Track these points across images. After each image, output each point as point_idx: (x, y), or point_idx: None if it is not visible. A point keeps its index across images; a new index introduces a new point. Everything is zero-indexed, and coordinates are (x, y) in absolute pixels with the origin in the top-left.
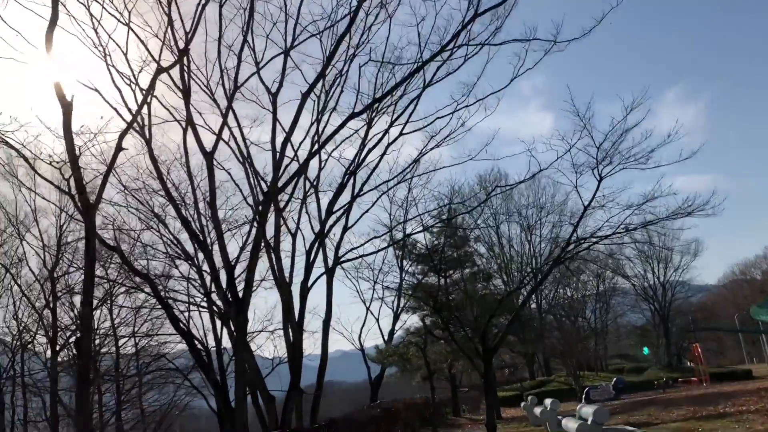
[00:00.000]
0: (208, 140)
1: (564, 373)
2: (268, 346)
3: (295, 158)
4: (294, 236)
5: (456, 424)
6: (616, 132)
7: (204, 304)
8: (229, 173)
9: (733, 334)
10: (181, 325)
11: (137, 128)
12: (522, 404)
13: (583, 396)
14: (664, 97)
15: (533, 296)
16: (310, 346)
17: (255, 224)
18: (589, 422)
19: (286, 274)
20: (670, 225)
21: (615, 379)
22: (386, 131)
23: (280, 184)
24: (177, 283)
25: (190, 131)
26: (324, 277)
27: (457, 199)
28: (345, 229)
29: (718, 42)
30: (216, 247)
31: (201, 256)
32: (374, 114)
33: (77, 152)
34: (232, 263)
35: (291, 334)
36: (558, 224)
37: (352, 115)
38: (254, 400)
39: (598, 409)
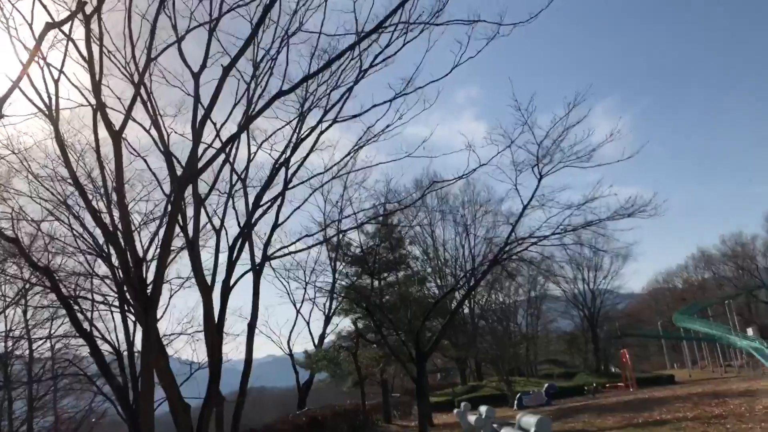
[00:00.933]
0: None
1: (496, 378)
2: (187, 350)
3: (220, 143)
4: (218, 232)
5: (387, 431)
6: (558, 129)
7: (117, 303)
8: (146, 161)
9: (656, 341)
10: (85, 325)
11: (43, 109)
12: (455, 411)
13: (515, 402)
14: (599, 105)
15: (466, 301)
16: (236, 350)
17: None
18: None
19: (209, 273)
20: (612, 226)
21: (547, 384)
22: (319, 121)
23: (199, 167)
24: (90, 281)
25: (99, 115)
26: (250, 276)
27: (392, 198)
28: (275, 226)
29: (647, 55)
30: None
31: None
32: (306, 104)
33: None
34: (143, 258)
35: (210, 336)
36: (495, 225)
37: (280, 94)
38: (171, 407)
39: (542, 419)
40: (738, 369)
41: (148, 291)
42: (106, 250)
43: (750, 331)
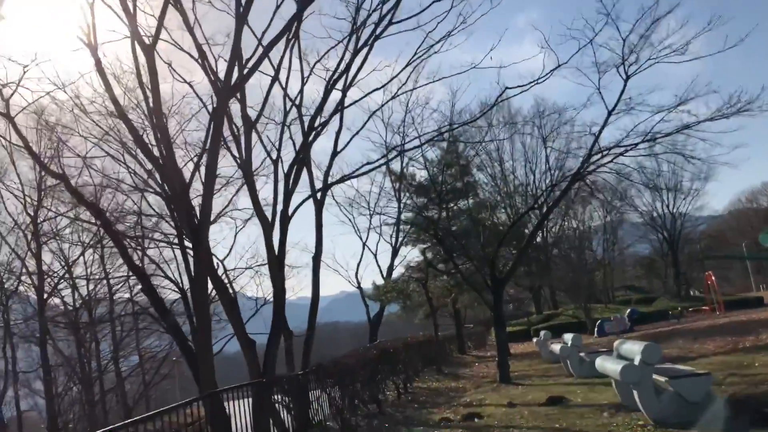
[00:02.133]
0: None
1: (572, 306)
2: (252, 286)
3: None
4: (275, 162)
5: (462, 362)
6: (645, 22)
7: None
8: (190, 84)
9: (740, 263)
10: (136, 262)
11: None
12: (534, 340)
13: (596, 329)
14: None
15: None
16: (308, 286)
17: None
18: (636, 362)
19: (269, 205)
20: (713, 128)
21: (629, 310)
22: (374, 28)
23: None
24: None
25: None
26: (312, 205)
27: (458, 119)
28: (334, 153)
29: None
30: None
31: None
32: (359, 17)
33: None
34: (189, 183)
35: (273, 269)
36: (573, 139)
37: None
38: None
39: (649, 345)
40: None
41: (196, 220)
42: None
43: None
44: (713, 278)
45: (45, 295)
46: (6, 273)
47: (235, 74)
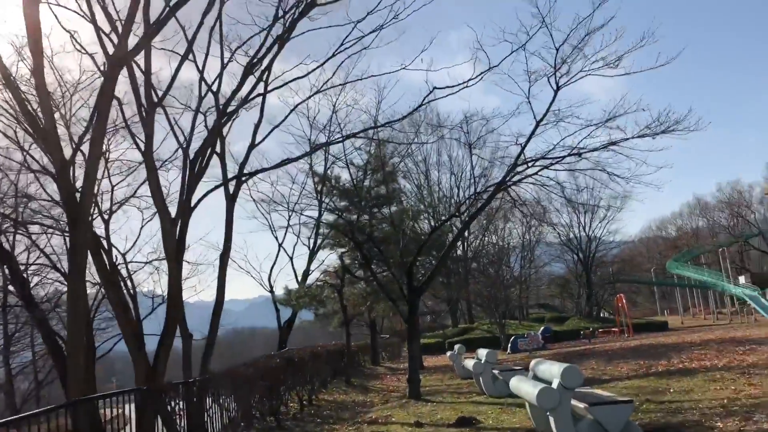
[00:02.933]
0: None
1: (487, 321)
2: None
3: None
4: (185, 150)
5: (374, 374)
6: (579, 32)
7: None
8: (92, 57)
9: (647, 287)
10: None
11: None
12: (448, 353)
13: (509, 345)
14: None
15: (459, 241)
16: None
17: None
18: (554, 386)
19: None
20: (638, 147)
21: (542, 327)
22: (296, 11)
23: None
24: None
25: None
26: (222, 199)
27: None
28: (251, 146)
29: None
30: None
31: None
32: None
33: None
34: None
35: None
36: (500, 146)
37: None
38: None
39: (569, 368)
40: (731, 316)
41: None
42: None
43: (742, 279)
44: (624, 301)
45: None
46: None
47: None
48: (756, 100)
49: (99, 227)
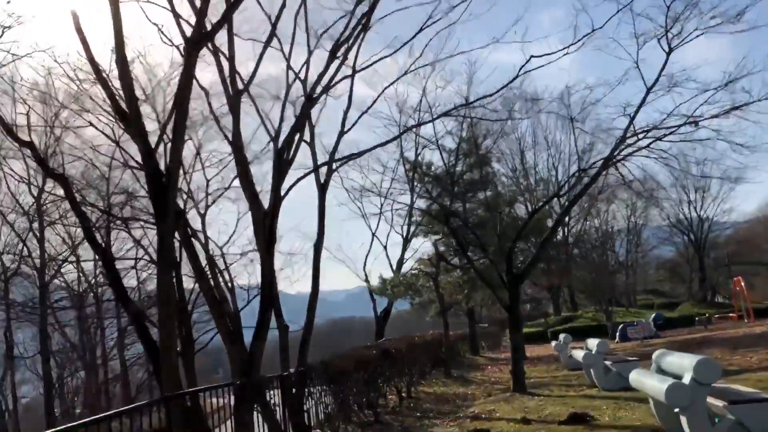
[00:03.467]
0: None
1: (591, 308)
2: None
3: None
4: (275, 139)
5: (474, 365)
6: None
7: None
8: (178, 48)
9: (766, 269)
10: (100, 241)
11: None
12: (553, 343)
13: (618, 334)
14: None
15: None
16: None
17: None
18: (686, 381)
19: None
20: (765, 110)
21: (654, 314)
22: None
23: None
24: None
25: None
26: (314, 189)
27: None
28: (341, 133)
29: None
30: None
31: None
32: None
33: None
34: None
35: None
36: (606, 119)
37: None
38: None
39: (704, 360)
40: None
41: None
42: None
43: None
44: (742, 284)
45: (47, 277)
46: (9, 254)
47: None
48: None
49: (195, 221)
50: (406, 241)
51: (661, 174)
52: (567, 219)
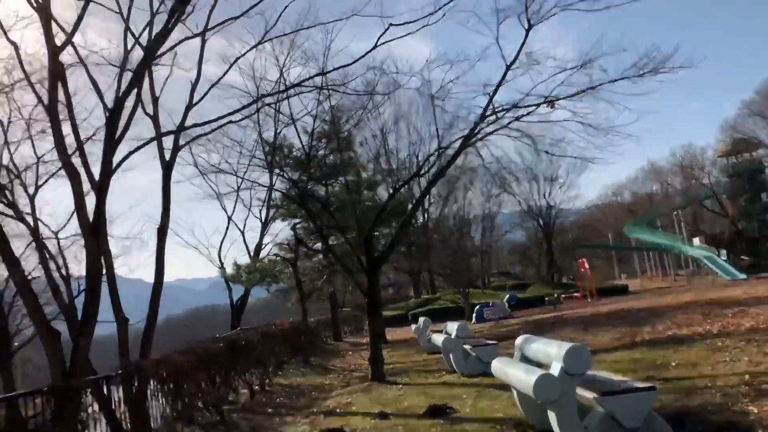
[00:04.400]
0: None
1: (450, 291)
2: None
3: None
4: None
5: (336, 351)
6: None
7: None
8: None
9: (604, 252)
10: None
11: None
12: (413, 327)
13: (474, 315)
14: None
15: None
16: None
17: None
18: (555, 372)
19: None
20: (618, 91)
21: (508, 295)
22: None
23: None
24: None
25: None
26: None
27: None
28: (189, 107)
29: None
30: None
31: None
32: None
33: None
34: None
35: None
36: (466, 101)
37: None
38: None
39: (574, 349)
40: (689, 278)
41: None
42: None
43: (697, 241)
44: (586, 266)
45: None
46: None
47: None
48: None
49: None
50: (265, 226)
51: (519, 156)
52: (427, 205)
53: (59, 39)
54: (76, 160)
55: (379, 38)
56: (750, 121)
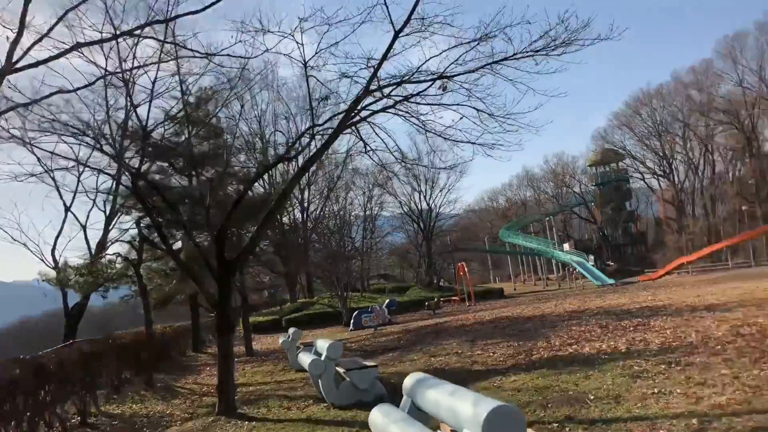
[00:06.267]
0: None
1: (328, 294)
2: None
3: None
4: None
5: (192, 366)
6: None
7: None
8: None
9: (480, 255)
10: None
11: None
12: (281, 339)
13: (352, 321)
14: None
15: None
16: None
17: None
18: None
19: None
20: (523, 68)
21: (387, 300)
22: None
23: None
24: None
25: None
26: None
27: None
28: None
29: None
30: None
31: None
32: None
33: None
34: None
35: None
36: (348, 75)
37: None
38: None
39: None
40: (559, 281)
41: None
42: None
43: (567, 246)
44: (465, 269)
45: None
46: None
47: None
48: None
49: None
50: (110, 220)
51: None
52: (307, 204)
53: None
54: None
55: None
56: (618, 132)
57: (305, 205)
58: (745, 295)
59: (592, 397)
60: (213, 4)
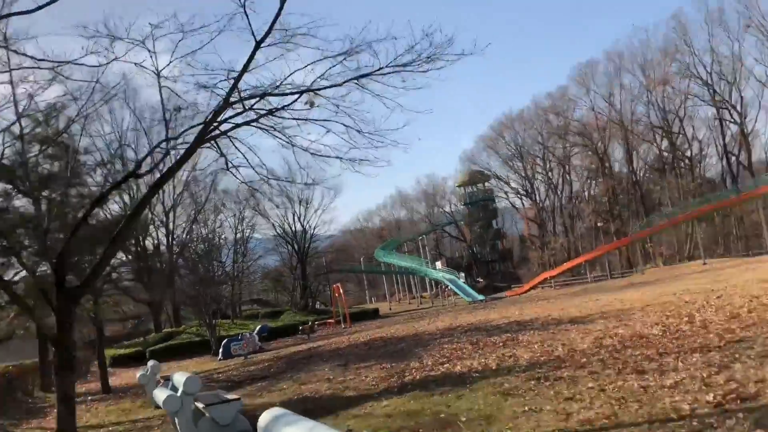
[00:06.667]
0: None
1: (196, 322)
2: None
3: None
4: None
5: (37, 408)
6: None
7: None
8: None
9: (356, 276)
10: None
11: None
12: (138, 374)
13: (221, 350)
14: None
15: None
16: None
17: None
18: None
19: None
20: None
21: (259, 326)
22: None
23: None
24: None
25: None
26: None
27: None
28: None
29: None
30: None
31: None
32: None
33: None
34: None
35: None
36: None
37: None
38: None
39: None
40: (432, 299)
41: None
42: None
43: (439, 264)
44: (341, 291)
45: None
46: None
47: None
48: (440, 98)
49: None
50: None
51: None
52: (172, 227)
53: None
54: None
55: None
56: (484, 154)
57: (170, 227)
58: (605, 307)
59: (464, 419)
60: (48, 4)
